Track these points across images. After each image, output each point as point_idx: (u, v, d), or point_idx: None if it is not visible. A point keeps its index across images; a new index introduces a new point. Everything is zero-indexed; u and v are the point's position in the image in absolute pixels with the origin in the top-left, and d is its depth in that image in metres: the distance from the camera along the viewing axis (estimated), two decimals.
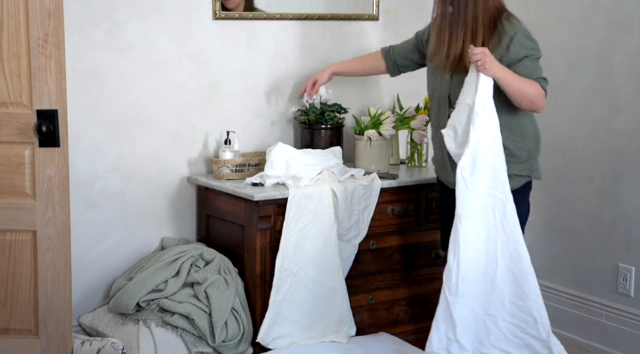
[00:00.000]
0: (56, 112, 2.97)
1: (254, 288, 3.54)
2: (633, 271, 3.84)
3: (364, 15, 4.17)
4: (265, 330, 3.45)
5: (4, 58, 2.94)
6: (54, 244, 3.05)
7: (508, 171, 3.17)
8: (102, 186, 3.68)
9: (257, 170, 3.73)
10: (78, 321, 3.61)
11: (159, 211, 3.82)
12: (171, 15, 3.74)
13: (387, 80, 4.18)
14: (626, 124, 3.82)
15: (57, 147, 2.99)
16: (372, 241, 3.70)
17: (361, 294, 3.73)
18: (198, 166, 3.88)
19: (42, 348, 3.11)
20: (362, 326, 3.74)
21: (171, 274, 3.51)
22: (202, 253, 3.60)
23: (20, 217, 3.04)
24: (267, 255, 3.50)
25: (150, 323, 3.40)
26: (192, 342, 3.40)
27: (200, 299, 3.43)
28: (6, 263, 3.06)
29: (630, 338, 3.83)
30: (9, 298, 3.08)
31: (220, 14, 3.82)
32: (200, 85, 3.84)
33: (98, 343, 3.30)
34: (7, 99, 2.98)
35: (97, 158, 3.66)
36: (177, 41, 3.77)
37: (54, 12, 2.93)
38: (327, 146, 3.85)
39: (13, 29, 2.93)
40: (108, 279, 3.71)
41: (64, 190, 3.04)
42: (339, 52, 4.12)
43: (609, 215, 3.92)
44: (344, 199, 3.56)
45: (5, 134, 2.99)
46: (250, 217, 3.51)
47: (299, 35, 4.03)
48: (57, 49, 2.95)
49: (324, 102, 3.94)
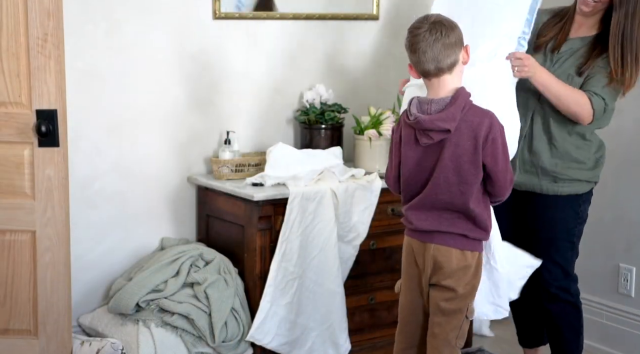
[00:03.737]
0: (55, 112, 2.96)
1: (253, 288, 3.54)
2: (634, 271, 3.84)
3: (364, 15, 4.17)
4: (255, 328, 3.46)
5: (3, 58, 2.94)
6: (53, 244, 3.05)
7: (575, 176, 3.22)
8: (101, 186, 3.67)
9: (257, 170, 3.73)
10: (77, 321, 3.61)
11: (159, 211, 3.81)
12: (171, 15, 3.73)
13: (387, 80, 4.18)
14: (626, 125, 3.82)
15: (57, 147, 2.99)
16: (372, 241, 3.70)
17: (361, 295, 3.73)
18: (198, 166, 3.88)
19: (41, 348, 3.10)
20: (362, 326, 3.74)
21: (171, 275, 3.50)
22: (201, 253, 3.60)
23: (19, 217, 3.03)
24: (267, 255, 3.50)
25: (150, 323, 3.40)
26: (191, 342, 3.40)
27: (200, 300, 3.42)
28: (5, 263, 3.05)
29: (631, 338, 3.83)
30: (8, 298, 3.08)
31: (220, 13, 3.82)
32: (200, 85, 3.83)
33: (97, 344, 3.30)
34: (6, 99, 2.97)
35: (97, 158, 3.65)
36: (177, 41, 3.76)
37: (54, 12, 2.92)
38: (327, 146, 3.84)
39: (12, 29, 2.93)
40: (108, 279, 3.71)
41: (64, 190, 3.03)
42: (339, 52, 4.12)
43: (610, 215, 3.91)
44: (344, 199, 3.55)
45: (5, 134, 2.99)
46: (250, 217, 3.51)
47: (299, 35, 4.03)
48: (57, 48, 2.94)
49: (324, 102, 3.93)
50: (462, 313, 2.81)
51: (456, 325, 2.81)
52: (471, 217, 2.76)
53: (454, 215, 2.77)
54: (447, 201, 2.75)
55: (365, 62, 4.21)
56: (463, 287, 2.79)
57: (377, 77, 4.21)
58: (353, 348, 3.65)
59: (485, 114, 2.72)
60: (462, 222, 2.77)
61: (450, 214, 2.77)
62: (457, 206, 2.75)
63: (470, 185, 2.73)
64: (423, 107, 2.74)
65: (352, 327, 3.65)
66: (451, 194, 2.74)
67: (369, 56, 4.22)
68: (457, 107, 2.69)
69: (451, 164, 2.72)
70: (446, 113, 2.69)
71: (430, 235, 2.80)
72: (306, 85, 4.03)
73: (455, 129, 2.69)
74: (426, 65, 2.72)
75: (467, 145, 2.70)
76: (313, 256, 3.51)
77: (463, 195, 2.73)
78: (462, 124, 2.70)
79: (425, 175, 2.78)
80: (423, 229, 2.80)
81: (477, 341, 4.07)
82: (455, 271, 2.78)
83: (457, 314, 2.81)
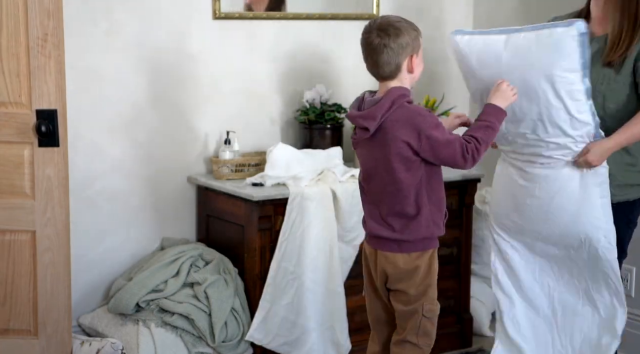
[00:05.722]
0: (55, 112, 2.96)
1: (253, 288, 3.54)
2: (634, 271, 3.84)
3: (364, 15, 4.17)
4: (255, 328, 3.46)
5: (3, 58, 2.94)
6: (53, 244, 3.05)
7: (631, 180, 3.07)
8: (102, 186, 3.67)
9: (257, 170, 3.73)
10: (77, 321, 3.61)
11: (159, 211, 3.81)
12: (171, 15, 3.73)
13: None
14: None
15: (57, 147, 2.99)
16: None
17: (361, 295, 3.71)
18: (198, 166, 3.88)
19: (41, 349, 3.10)
20: (362, 326, 3.74)
21: (171, 275, 3.50)
22: (201, 253, 3.60)
23: (19, 217, 3.03)
24: (267, 255, 3.50)
25: (150, 323, 3.40)
26: (191, 342, 3.40)
27: (200, 300, 3.42)
28: (5, 263, 3.05)
29: (631, 338, 3.82)
30: (8, 299, 3.08)
31: (220, 13, 3.82)
32: (200, 85, 3.83)
33: (97, 343, 3.30)
34: (6, 99, 2.97)
35: (97, 158, 3.65)
36: (177, 41, 3.76)
37: (54, 12, 2.92)
38: (327, 146, 3.84)
39: (12, 29, 2.93)
40: (108, 279, 3.71)
41: (64, 190, 3.03)
42: (339, 52, 4.12)
43: None
44: (344, 199, 3.55)
45: (5, 134, 2.99)
46: (250, 217, 3.51)
47: (299, 35, 4.03)
48: (57, 48, 2.94)
49: (324, 102, 3.93)
50: (418, 313, 2.80)
51: (414, 325, 2.81)
52: (414, 219, 2.72)
53: (395, 218, 2.74)
54: (388, 202, 2.73)
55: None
56: (415, 288, 2.79)
57: None
58: (353, 348, 3.65)
59: (412, 112, 2.66)
60: (406, 225, 2.73)
61: (393, 218, 2.74)
62: (395, 206, 2.72)
63: (403, 183, 2.69)
64: (360, 103, 2.76)
65: (352, 327, 3.65)
66: (389, 195, 2.72)
67: None
68: (379, 107, 2.66)
69: (382, 163, 2.70)
70: (368, 112, 2.68)
71: (378, 241, 2.79)
72: (306, 86, 4.03)
73: (380, 129, 2.67)
74: (371, 69, 2.75)
75: (392, 144, 2.66)
76: (313, 256, 3.50)
77: (399, 193, 2.70)
78: (389, 124, 2.66)
79: (367, 173, 2.78)
80: (372, 234, 2.80)
81: (477, 341, 4.07)
82: (405, 274, 2.77)
83: (413, 314, 2.81)
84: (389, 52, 2.68)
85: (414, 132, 2.64)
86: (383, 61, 2.69)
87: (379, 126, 2.67)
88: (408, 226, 2.73)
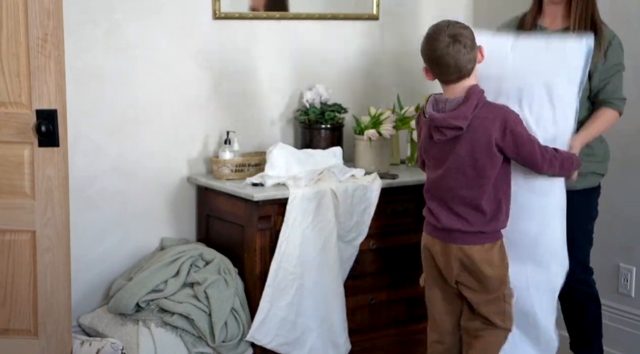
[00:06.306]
0: (55, 112, 2.96)
1: (253, 288, 3.53)
2: (634, 271, 3.84)
3: (364, 15, 4.17)
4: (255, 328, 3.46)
5: (3, 58, 2.94)
6: (53, 244, 3.05)
7: (587, 169, 3.23)
8: (101, 186, 3.67)
9: (257, 170, 3.73)
10: (77, 321, 3.61)
11: (159, 211, 3.81)
12: (171, 15, 3.73)
13: (387, 81, 4.18)
14: (626, 125, 3.81)
15: (57, 147, 2.99)
16: (372, 241, 3.70)
17: (361, 294, 3.72)
18: (198, 166, 3.87)
19: (41, 349, 3.10)
20: (362, 326, 3.74)
21: (171, 275, 3.50)
22: (201, 253, 3.60)
23: (19, 217, 3.03)
24: (267, 255, 3.50)
25: (150, 323, 3.40)
26: (191, 342, 3.40)
27: (200, 300, 3.42)
28: (5, 263, 3.05)
29: (631, 338, 3.83)
30: (8, 299, 3.08)
31: (220, 13, 3.82)
32: (200, 85, 3.83)
33: (97, 344, 3.30)
34: (6, 99, 2.97)
35: (97, 158, 3.65)
36: (177, 41, 3.76)
37: (53, 12, 2.92)
38: (327, 146, 3.84)
39: (12, 29, 2.93)
40: (108, 279, 3.71)
41: (63, 190, 3.03)
42: (339, 52, 4.12)
43: (610, 215, 3.90)
44: (344, 199, 3.55)
45: (5, 134, 2.99)
46: (250, 218, 3.50)
47: (299, 35, 4.03)
48: (57, 48, 2.94)
49: (324, 102, 3.93)
50: (500, 300, 3.01)
51: (498, 311, 3.01)
52: (485, 212, 2.91)
53: (471, 211, 2.92)
54: (465, 196, 2.91)
55: (365, 62, 4.21)
56: (494, 277, 2.97)
57: (377, 77, 4.21)
58: (353, 348, 3.65)
59: (498, 109, 2.88)
60: (479, 218, 2.92)
61: (466, 210, 2.93)
62: (473, 201, 2.90)
63: (487, 179, 2.89)
64: (439, 106, 2.91)
65: (352, 327, 3.65)
66: (469, 189, 2.90)
67: (369, 56, 4.22)
68: (468, 106, 2.86)
69: (468, 160, 2.88)
70: (458, 112, 2.87)
71: (451, 235, 2.96)
72: (306, 86, 4.03)
73: (468, 126, 2.85)
74: (449, 76, 2.89)
75: (482, 140, 2.86)
76: (313, 256, 3.50)
77: (480, 189, 2.89)
78: (475, 121, 2.86)
79: (443, 170, 2.95)
80: (446, 227, 2.96)
81: None
82: (480, 266, 2.94)
83: (495, 301, 3.01)
84: (468, 51, 2.86)
85: (501, 127, 2.86)
86: (465, 61, 2.87)
87: None
88: (485, 218, 2.93)
